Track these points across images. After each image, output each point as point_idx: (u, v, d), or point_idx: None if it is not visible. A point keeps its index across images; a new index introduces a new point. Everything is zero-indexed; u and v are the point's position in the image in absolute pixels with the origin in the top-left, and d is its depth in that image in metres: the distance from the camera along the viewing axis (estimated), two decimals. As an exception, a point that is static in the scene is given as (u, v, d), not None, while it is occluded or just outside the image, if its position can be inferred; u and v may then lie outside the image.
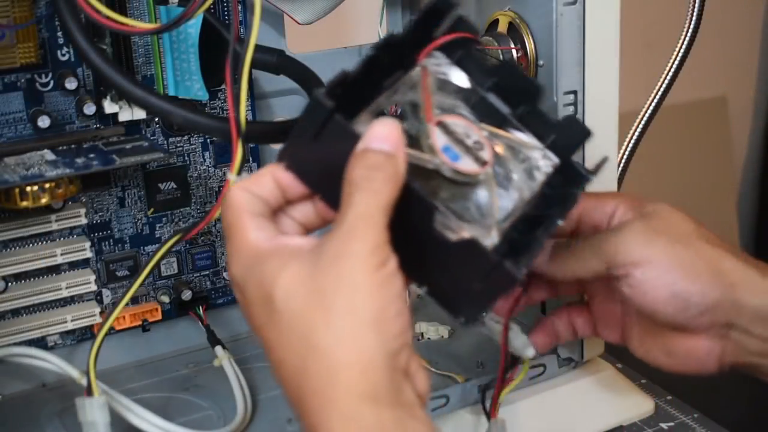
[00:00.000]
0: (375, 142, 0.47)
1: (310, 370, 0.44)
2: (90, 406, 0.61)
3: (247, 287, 0.47)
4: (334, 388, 0.44)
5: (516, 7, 0.70)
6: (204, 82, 0.67)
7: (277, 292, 0.45)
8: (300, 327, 0.45)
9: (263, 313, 0.46)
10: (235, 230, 0.48)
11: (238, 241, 0.48)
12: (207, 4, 0.56)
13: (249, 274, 0.47)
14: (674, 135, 1.59)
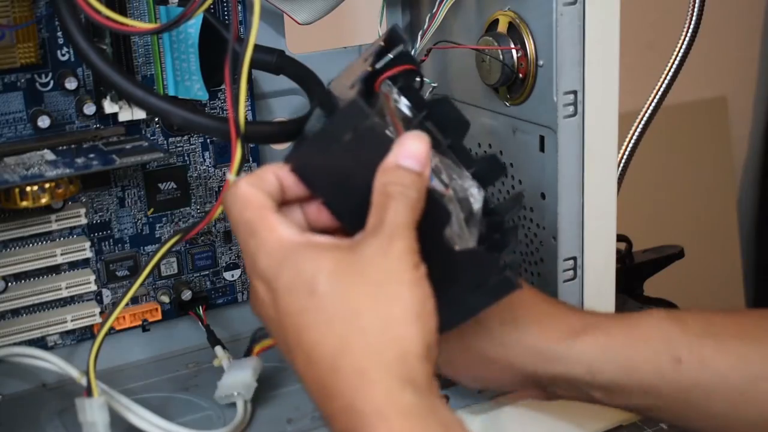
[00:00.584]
0: (407, 159, 0.49)
1: (354, 349, 0.46)
2: (90, 406, 0.62)
3: (280, 278, 0.48)
4: (377, 368, 0.46)
5: (516, 7, 0.70)
6: (204, 82, 0.67)
7: (321, 279, 0.47)
8: (345, 310, 0.47)
9: (301, 299, 0.47)
10: (261, 227, 0.49)
11: (266, 236, 0.49)
12: (207, 4, 0.56)
13: (283, 265, 0.48)
14: (674, 135, 1.59)
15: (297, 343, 0.48)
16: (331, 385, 0.46)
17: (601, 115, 0.69)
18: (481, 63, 0.73)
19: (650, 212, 1.55)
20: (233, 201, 0.50)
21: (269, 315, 0.49)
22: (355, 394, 0.46)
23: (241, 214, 0.50)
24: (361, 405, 0.45)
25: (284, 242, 0.49)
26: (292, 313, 0.48)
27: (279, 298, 0.48)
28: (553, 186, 0.70)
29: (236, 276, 0.78)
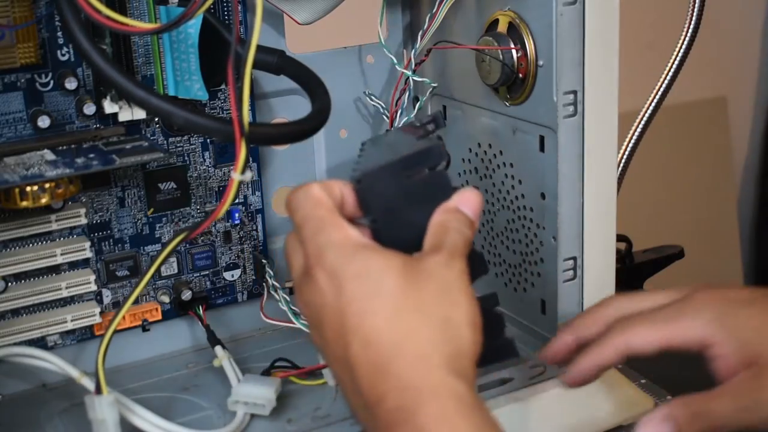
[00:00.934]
0: (465, 206, 0.57)
1: (420, 337, 0.51)
2: (99, 404, 0.62)
3: (348, 268, 0.52)
4: (439, 357, 0.51)
5: (516, 7, 0.70)
6: (204, 82, 0.67)
7: (391, 275, 0.52)
8: (412, 304, 0.52)
9: (369, 288, 0.52)
10: (332, 224, 0.54)
11: (337, 233, 0.54)
12: (207, 4, 0.56)
13: (352, 259, 0.53)
14: (674, 135, 1.59)
15: (357, 327, 0.51)
16: (388, 367, 0.50)
17: (601, 115, 0.69)
18: (481, 63, 0.73)
19: (650, 212, 1.55)
20: (305, 198, 0.55)
21: (326, 302, 0.53)
22: (414, 374, 0.50)
23: (314, 210, 0.55)
24: (419, 384, 0.50)
25: (354, 240, 0.54)
26: (358, 299, 0.52)
27: (345, 286, 0.52)
28: (553, 186, 0.70)
29: (236, 276, 0.78)
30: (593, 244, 0.71)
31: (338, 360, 0.53)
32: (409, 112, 0.80)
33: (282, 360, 0.72)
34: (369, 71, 0.81)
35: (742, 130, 1.73)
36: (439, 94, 0.81)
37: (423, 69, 0.80)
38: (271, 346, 0.78)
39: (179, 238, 0.61)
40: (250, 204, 0.77)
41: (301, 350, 0.77)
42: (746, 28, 1.70)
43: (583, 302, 0.72)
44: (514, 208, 0.75)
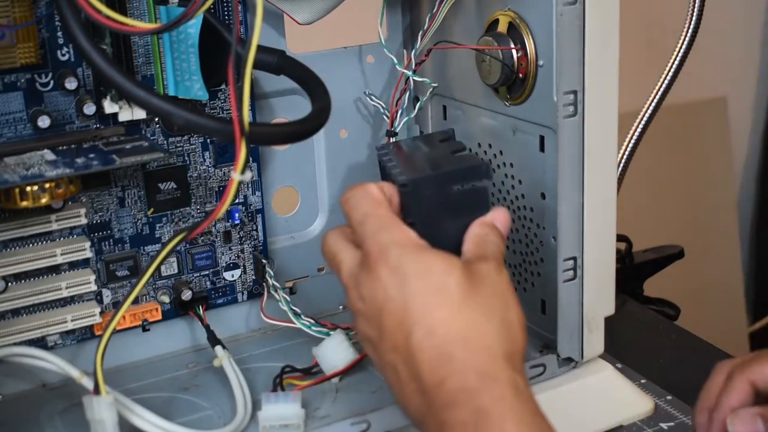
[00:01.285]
0: (499, 222, 0.62)
1: (485, 331, 0.55)
2: (98, 404, 0.62)
3: (411, 266, 0.56)
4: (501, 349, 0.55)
5: (516, 7, 0.70)
6: (204, 82, 0.67)
7: (453, 277, 0.56)
8: (474, 303, 0.56)
9: (433, 285, 0.56)
10: (394, 224, 0.58)
11: (400, 233, 0.58)
12: (207, 4, 0.56)
13: (416, 257, 0.57)
14: (674, 135, 1.59)
15: (422, 318, 0.55)
16: (453, 353, 0.54)
17: (601, 115, 0.69)
18: (481, 63, 0.73)
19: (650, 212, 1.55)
20: (364, 197, 0.59)
21: (389, 295, 0.56)
22: (478, 361, 0.54)
23: (375, 209, 0.59)
24: (483, 369, 0.54)
25: (415, 241, 0.58)
26: (423, 294, 0.55)
27: (409, 282, 0.56)
28: (553, 186, 0.70)
29: (236, 276, 0.78)
30: (593, 244, 0.71)
31: (397, 348, 0.56)
32: (409, 112, 0.80)
33: (288, 367, 0.72)
34: (369, 71, 0.81)
35: (742, 130, 1.73)
36: (439, 94, 0.81)
37: (423, 69, 0.80)
38: (271, 346, 0.78)
39: (178, 238, 0.61)
40: (250, 204, 0.77)
41: (301, 350, 0.77)
42: (746, 28, 1.70)
43: (583, 302, 0.72)
44: (514, 208, 0.75)
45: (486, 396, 0.53)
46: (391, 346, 0.56)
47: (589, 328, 0.73)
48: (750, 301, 1.73)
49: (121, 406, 0.64)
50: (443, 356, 0.54)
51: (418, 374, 0.55)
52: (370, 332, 0.58)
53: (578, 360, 0.74)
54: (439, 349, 0.55)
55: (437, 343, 0.55)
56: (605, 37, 0.67)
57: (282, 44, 0.76)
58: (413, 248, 0.57)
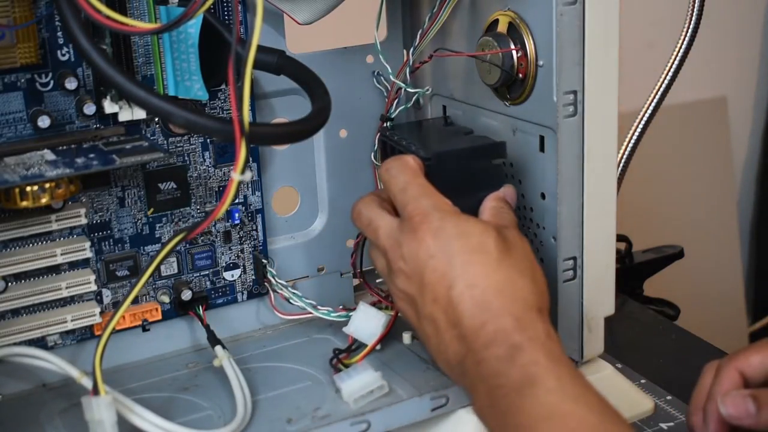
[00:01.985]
0: (509, 197, 0.69)
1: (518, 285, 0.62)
2: (97, 404, 0.62)
3: (452, 228, 0.63)
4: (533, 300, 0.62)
5: (516, 7, 0.70)
6: (204, 82, 0.67)
7: (490, 241, 0.62)
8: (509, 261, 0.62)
9: (472, 245, 0.62)
10: (432, 192, 0.65)
11: (438, 199, 0.64)
12: (208, 4, 0.56)
13: (456, 221, 0.63)
14: (674, 135, 1.59)
15: (463, 272, 0.61)
16: (492, 302, 0.60)
17: (601, 115, 0.69)
18: (481, 63, 0.73)
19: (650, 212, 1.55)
20: (404, 167, 0.66)
21: (432, 253, 0.62)
22: (514, 308, 0.60)
23: (415, 178, 0.65)
24: (518, 314, 0.60)
25: (453, 208, 0.64)
26: (464, 252, 0.62)
27: (451, 242, 0.62)
28: (553, 186, 0.70)
29: (236, 276, 0.78)
30: (593, 244, 0.71)
31: (438, 299, 0.62)
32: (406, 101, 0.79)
33: (337, 350, 0.74)
34: (369, 71, 0.81)
35: (742, 130, 1.73)
36: (439, 94, 0.81)
37: (423, 68, 0.81)
38: (271, 346, 0.78)
39: (178, 238, 0.61)
40: (250, 204, 0.77)
41: (302, 349, 0.77)
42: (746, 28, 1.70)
43: (583, 302, 0.72)
44: (514, 208, 0.75)
45: (521, 335, 0.59)
46: (431, 299, 0.62)
47: (589, 328, 0.73)
48: (750, 301, 1.73)
49: (121, 406, 0.64)
50: (483, 303, 0.60)
51: (458, 321, 0.61)
52: (409, 288, 0.63)
53: (578, 360, 0.74)
54: (478, 299, 0.60)
55: (477, 293, 0.61)
56: (605, 37, 0.67)
57: (282, 44, 0.76)
58: (452, 213, 0.64)
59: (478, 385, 0.60)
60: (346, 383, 0.69)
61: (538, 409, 0.56)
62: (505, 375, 0.58)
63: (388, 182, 0.66)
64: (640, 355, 0.83)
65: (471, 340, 0.60)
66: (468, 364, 0.60)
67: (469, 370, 0.60)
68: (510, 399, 0.57)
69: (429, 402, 0.69)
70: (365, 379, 0.69)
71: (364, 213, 0.68)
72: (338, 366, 0.72)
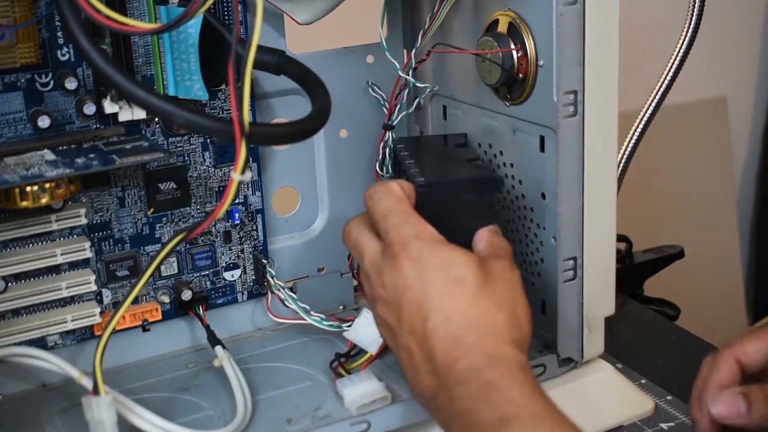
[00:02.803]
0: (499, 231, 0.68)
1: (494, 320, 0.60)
2: (97, 405, 0.62)
3: (432, 259, 0.61)
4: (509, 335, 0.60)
5: (516, 7, 0.70)
6: (204, 82, 0.67)
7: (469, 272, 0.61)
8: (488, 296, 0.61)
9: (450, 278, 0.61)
10: (415, 220, 0.63)
11: (421, 227, 0.63)
12: (208, 5, 0.56)
13: (435, 251, 0.61)
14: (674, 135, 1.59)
15: (439, 306, 0.60)
16: (465, 337, 0.59)
17: (601, 115, 0.69)
18: (481, 63, 0.73)
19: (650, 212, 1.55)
20: (387, 193, 0.65)
21: (409, 284, 0.61)
22: (488, 344, 0.59)
23: (398, 205, 0.64)
24: (491, 351, 0.59)
25: (435, 236, 0.63)
26: (442, 284, 0.60)
27: (429, 273, 0.61)
28: (553, 186, 0.70)
29: (236, 276, 0.78)
30: (593, 244, 0.71)
31: (414, 331, 0.60)
32: (407, 106, 0.79)
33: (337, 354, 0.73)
34: (369, 71, 0.81)
35: (742, 130, 1.73)
36: (439, 94, 0.81)
37: (423, 69, 0.81)
38: (271, 346, 0.78)
39: (178, 239, 0.61)
40: (250, 204, 0.77)
41: (302, 350, 0.77)
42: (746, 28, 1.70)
43: (584, 302, 0.72)
44: (514, 208, 0.75)
45: (493, 371, 0.58)
46: (408, 329, 0.61)
47: (589, 328, 0.73)
48: (750, 301, 1.73)
49: (121, 406, 0.64)
50: (456, 340, 0.59)
51: (432, 355, 0.59)
52: (388, 317, 0.62)
53: (578, 360, 0.74)
54: (452, 334, 0.59)
55: (451, 329, 0.59)
56: (605, 37, 0.67)
57: (282, 44, 0.76)
58: (433, 242, 0.62)
59: (452, 421, 0.58)
60: (349, 390, 0.69)
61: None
62: (478, 413, 0.56)
63: (371, 208, 0.65)
64: (640, 355, 0.83)
65: (444, 376, 0.59)
66: (441, 399, 0.59)
67: (442, 405, 0.59)
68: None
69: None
70: (368, 388, 0.69)
71: (353, 233, 0.66)
72: (338, 370, 0.72)
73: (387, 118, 0.78)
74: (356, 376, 0.70)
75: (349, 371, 0.72)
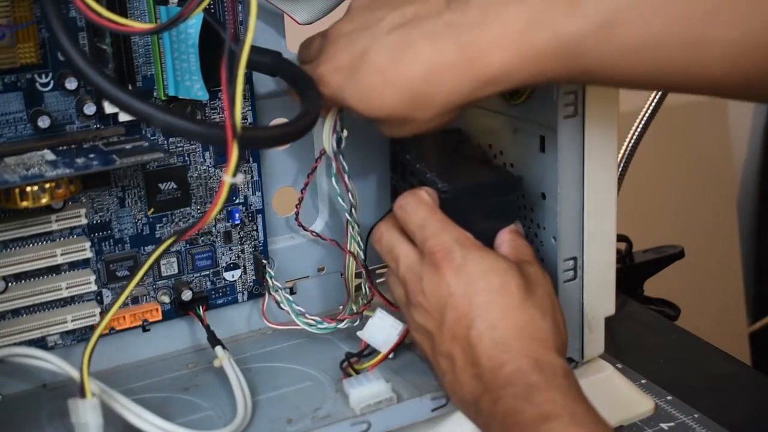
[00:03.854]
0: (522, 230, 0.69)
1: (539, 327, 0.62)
2: (83, 407, 0.61)
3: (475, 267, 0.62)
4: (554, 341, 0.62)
5: (516, 7, 0.70)
6: (204, 83, 0.67)
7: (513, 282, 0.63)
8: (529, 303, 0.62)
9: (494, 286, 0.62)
10: (452, 226, 0.64)
11: (459, 234, 0.64)
12: (204, 4, 0.56)
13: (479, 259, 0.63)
14: (674, 135, 1.59)
15: (485, 313, 0.61)
16: (512, 343, 0.61)
17: (601, 115, 0.69)
18: (481, 63, 0.73)
19: (650, 212, 1.55)
20: (419, 203, 0.66)
21: (453, 291, 0.62)
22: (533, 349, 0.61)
23: (432, 213, 0.65)
24: (537, 356, 0.60)
25: (476, 243, 0.64)
26: (486, 291, 0.62)
27: (474, 281, 0.62)
28: (553, 186, 0.70)
29: (236, 276, 0.78)
30: (593, 244, 0.71)
31: (457, 338, 0.62)
32: None
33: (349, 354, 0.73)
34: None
35: (742, 130, 1.73)
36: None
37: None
38: (271, 346, 0.78)
39: (168, 242, 0.60)
40: (250, 204, 0.77)
41: (302, 350, 0.77)
42: (746, 28, 1.70)
43: (584, 302, 0.72)
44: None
45: (539, 375, 0.59)
46: (450, 336, 0.62)
47: (590, 328, 0.73)
48: (750, 301, 1.73)
49: (120, 406, 0.64)
50: (503, 345, 0.60)
51: (476, 361, 0.61)
52: (428, 323, 0.64)
53: (578, 360, 0.74)
54: (498, 340, 0.61)
55: (497, 334, 0.61)
56: (605, 37, 0.67)
57: (282, 44, 0.76)
58: (475, 248, 0.63)
59: (493, 423, 0.60)
60: (355, 390, 0.69)
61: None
62: (521, 412, 0.58)
63: (404, 219, 0.66)
64: (640, 355, 0.83)
65: (488, 380, 0.60)
66: (484, 402, 0.60)
67: (484, 408, 0.60)
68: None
69: (429, 402, 0.69)
70: (375, 389, 0.69)
71: (385, 238, 0.67)
72: (348, 370, 0.72)
73: None
74: (364, 376, 0.70)
75: (358, 371, 0.72)
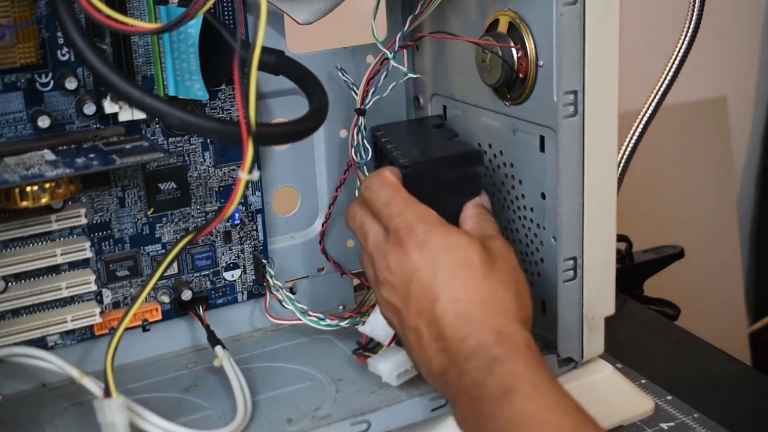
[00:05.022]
0: (486, 204, 0.71)
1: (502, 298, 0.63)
2: (109, 407, 0.61)
3: (438, 242, 0.63)
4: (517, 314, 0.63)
5: (516, 7, 0.70)
6: (204, 83, 0.67)
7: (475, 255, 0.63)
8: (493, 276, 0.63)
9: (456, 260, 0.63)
10: (415, 204, 0.65)
11: (422, 211, 0.65)
12: (209, 5, 0.56)
13: (442, 234, 0.64)
14: (674, 135, 1.59)
15: (447, 287, 0.62)
16: (474, 316, 0.61)
17: (601, 115, 0.69)
18: (482, 63, 0.73)
19: (650, 212, 1.55)
20: (383, 182, 0.67)
21: (417, 266, 0.63)
22: (496, 322, 0.61)
23: (397, 192, 0.66)
24: (500, 328, 0.61)
25: (438, 219, 0.65)
26: (450, 266, 0.62)
27: (437, 255, 0.63)
28: (553, 186, 0.70)
29: (236, 276, 0.78)
30: (593, 244, 0.71)
31: (422, 312, 0.62)
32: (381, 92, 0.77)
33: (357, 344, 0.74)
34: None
35: (742, 130, 1.73)
36: (439, 94, 0.81)
37: (423, 67, 0.81)
38: (271, 346, 0.78)
39: (185, 240, 0.60)
40: (250, 204, 0.77)
41: (302, 350, 0.77)
42: (746, 28, 1.70)
43: (583, 302, 0.72)
44: (514, 208, 0.75)
45: (501, 348, 0.60)
46: (415, 311, 0.63)
47: (589, 328, 0.73)
48: (750, 301, 1.73)
49: (121, 406, 0.64)
50: (466, 318, 0.61)
51: (441, 334, 0.61)
52: (394, 299, 0.64)
53: (578, 360, 0.74)
54: (462, 313, 0.61)
55: (461, 307, 0.61)
56: (605, 37, 0.67)
57: (282, 44, 0.76)
58: (438, 224, 0.64)
59: (460, 395, 0.60)
60: (384, 365, 0.70)
61: (515, 416, 0.57)
62: (485, 385, 0.59)
63: (370, 199, 0.67)
64: (640, 355, 0.83)
65: (453, 353, 0.61)
66: (450, 375, 0.61)
67: (451, 381, 0.61)
68: (488, 407, 0.58)
69: (429, 402, 0.69)
70: (400, 357, 0.70)
71: (358, 216, 0.68)
72: (365, 354, 0.72)
73: (359, 103, 0.76)
74: (383, 353, 0.71)
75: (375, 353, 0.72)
